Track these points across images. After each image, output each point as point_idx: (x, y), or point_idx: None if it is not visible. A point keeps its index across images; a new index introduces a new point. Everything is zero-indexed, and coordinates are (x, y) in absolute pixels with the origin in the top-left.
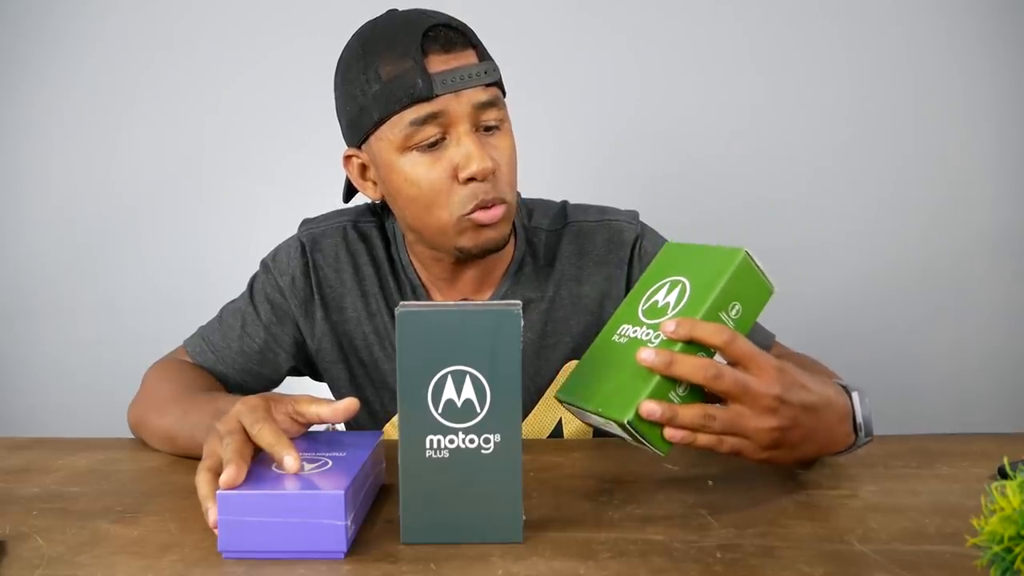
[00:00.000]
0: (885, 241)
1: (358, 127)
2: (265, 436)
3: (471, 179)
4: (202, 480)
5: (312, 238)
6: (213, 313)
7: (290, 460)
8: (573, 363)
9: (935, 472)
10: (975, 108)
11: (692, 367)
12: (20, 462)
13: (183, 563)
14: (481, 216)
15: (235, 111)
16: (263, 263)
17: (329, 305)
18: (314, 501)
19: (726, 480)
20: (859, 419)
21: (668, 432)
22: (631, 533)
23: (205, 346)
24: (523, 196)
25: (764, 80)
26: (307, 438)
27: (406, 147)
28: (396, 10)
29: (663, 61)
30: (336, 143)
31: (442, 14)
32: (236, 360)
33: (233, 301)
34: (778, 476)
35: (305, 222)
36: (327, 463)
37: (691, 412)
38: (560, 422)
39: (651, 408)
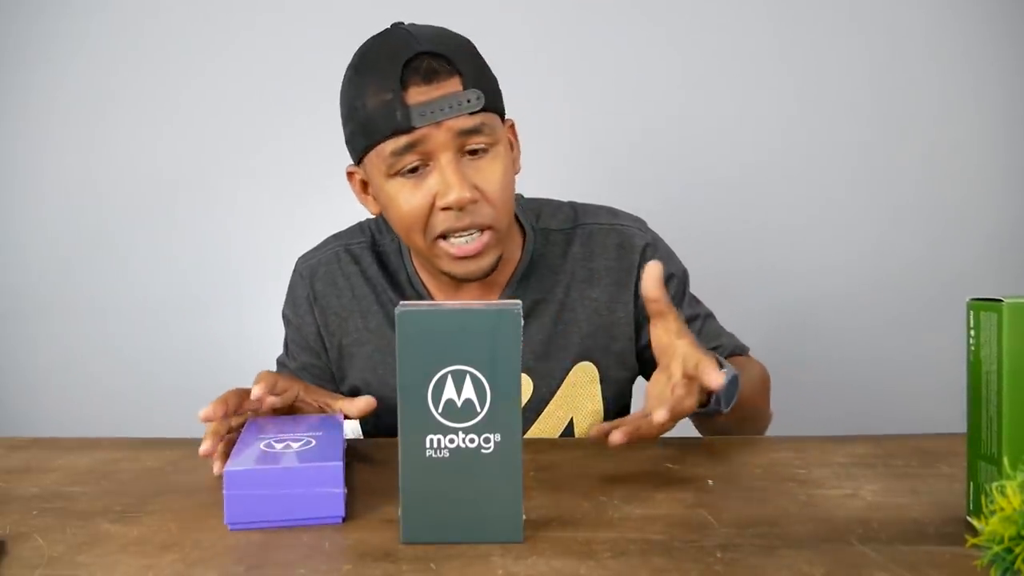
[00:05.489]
0: (892, 242)
1: (354, 148)
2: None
3: (448, 208)
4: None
5: (310, 269)
6: (208, 314)
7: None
8: (583, 364)
9: (935, 472)
10: (986, 112)
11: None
12: (20, 462)
13: (183, 563)
14: (453, 249)
15: (230, 112)
16: (284, 316)
17: (334, 332)
18: (314, 473)
19: (726, 480)
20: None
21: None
22: (631, 533)
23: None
24: (527, 196)
25: (778, 85)
26: (278, 422)
27: (391, 173)
28: (399, 25)
29: (680, 63)
30: (328, 147)
31: (432, 37)
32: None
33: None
34: (778, 476)
35: (301, 257)
36: (311, 442)
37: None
38: (571, 422)
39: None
